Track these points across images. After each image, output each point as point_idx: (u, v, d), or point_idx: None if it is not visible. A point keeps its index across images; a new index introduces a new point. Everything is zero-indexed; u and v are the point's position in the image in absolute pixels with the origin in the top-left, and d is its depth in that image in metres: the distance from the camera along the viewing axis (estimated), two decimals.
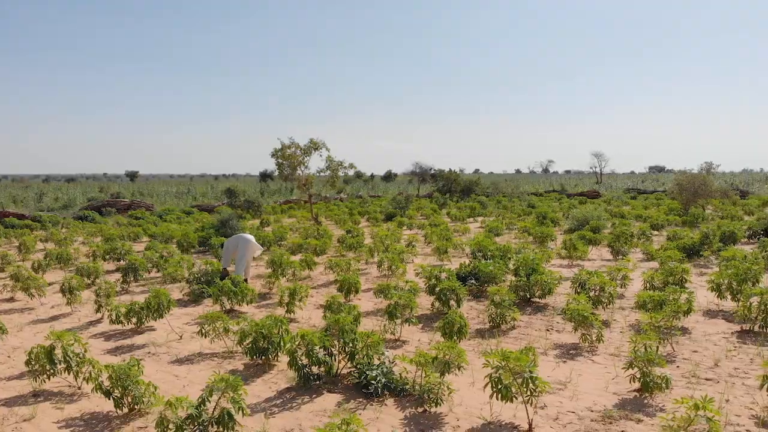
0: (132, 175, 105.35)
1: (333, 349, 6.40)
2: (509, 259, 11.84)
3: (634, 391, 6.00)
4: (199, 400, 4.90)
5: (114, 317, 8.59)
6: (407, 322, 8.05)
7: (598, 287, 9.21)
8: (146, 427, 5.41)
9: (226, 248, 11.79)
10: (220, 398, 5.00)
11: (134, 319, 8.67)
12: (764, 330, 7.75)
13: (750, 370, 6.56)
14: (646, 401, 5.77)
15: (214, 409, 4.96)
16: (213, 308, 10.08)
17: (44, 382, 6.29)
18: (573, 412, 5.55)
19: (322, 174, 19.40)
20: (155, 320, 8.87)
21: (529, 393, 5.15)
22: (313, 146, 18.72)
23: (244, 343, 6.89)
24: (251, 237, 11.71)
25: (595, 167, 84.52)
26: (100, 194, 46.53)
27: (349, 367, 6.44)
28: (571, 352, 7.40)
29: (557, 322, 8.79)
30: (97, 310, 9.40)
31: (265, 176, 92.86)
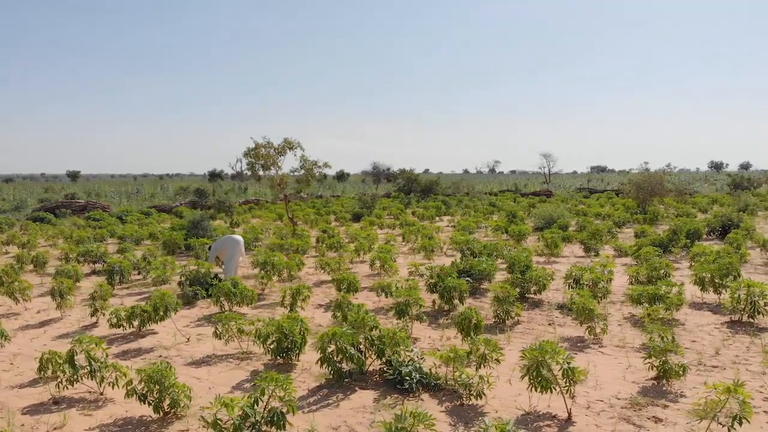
0: (73, 175, 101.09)
1: (361, 346, 6.47)
2: (496, 257, 12.15)
3: (652, 379, 6.34)
4: (253, 399, 4.89)
5: (114, 321, 8.36)
6: (418, 319, 8.18)
7: (591, 282, 9.62)
8: (188, 430, 5.35)
9: (214, 249, 11.61)
10: (269, 397, 5.00)
11: (135, 323, 8.45)
12: (752, 320, 8.31)
13: (749, 357, 7.03)
14: (665, 388, 6.12)
15: (265, 408, 4.96)
16: (209, 310, 9.93)
17: (66, 388, 6.09)
18: (602, 401, 5.83)
19: (295, 173, 19.25)
20: (156, 323, 8.68)
21: (566, 383, 5.40)
22: (288, 146, 18.55)
23: (267, 343, 6.85)
24: (241, 238, 11.58)
25: (544, 167, 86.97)
26: (46, 195, 44.51)
27: (380, 364, 6.52)
28: (579, 344, 7.72)
29: (556, 317, 9.12)
30: (92, 314, 9.10)
31: (214, 176, 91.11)
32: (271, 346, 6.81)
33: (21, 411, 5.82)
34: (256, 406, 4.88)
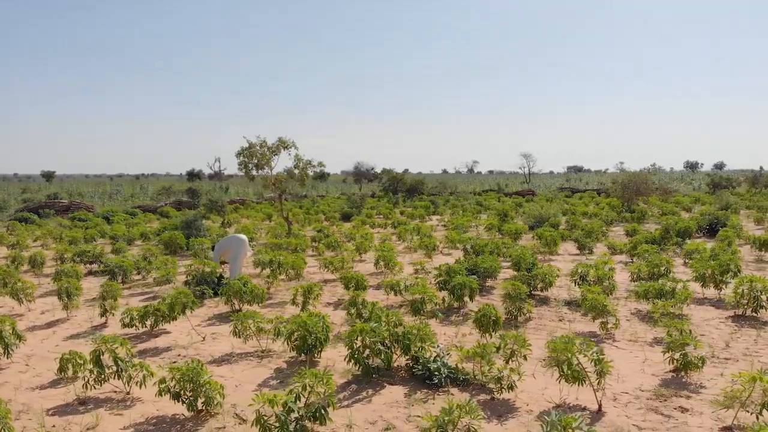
0: (48, 176, 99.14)
1: (387, 342, 6.53)
2: (497, 255, 12.30)
3: (670, 371, 6.52)
4: (294, 395, 4.92)
5: (127, 320, 8.29)
6: (434, 316, 8.27)
7: (596, 279, 9.81)
8: (224, 428, 5.35)
9: (218, 248, 11.55)
10: (310, 393, 5.04)
11: (148, 322, 8.39)
12: (755, 314, 8.58)
13: (759, 350, 7.27)
14: (684, 380, 6.30)
15: (305, 404, 5.00)
16: (217, 309, 9.89)
17: (93, 388, 6.04)
18: (627, 393, 5.98)
19: (289, 173, 19.17)
20: (168, 322, 8.62)
21: (597, 375, 5.54)
22: (283, 145, 18.48)
23: (292, 340, 6.88)
24: (245, 237, 11.55)
25: (524, 167, 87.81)
26: (25, 195, 43.61)
27: (406, 360, 6.59)
28: (592, 339, 7.85)
29: (565, 313, 9.29)
30: (102, 314, 9.00)
31: (192, 175, 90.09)
32: (296, 343, 6.84)
33: (47, 412, 5.75)
34: (298, 402, 4.92)
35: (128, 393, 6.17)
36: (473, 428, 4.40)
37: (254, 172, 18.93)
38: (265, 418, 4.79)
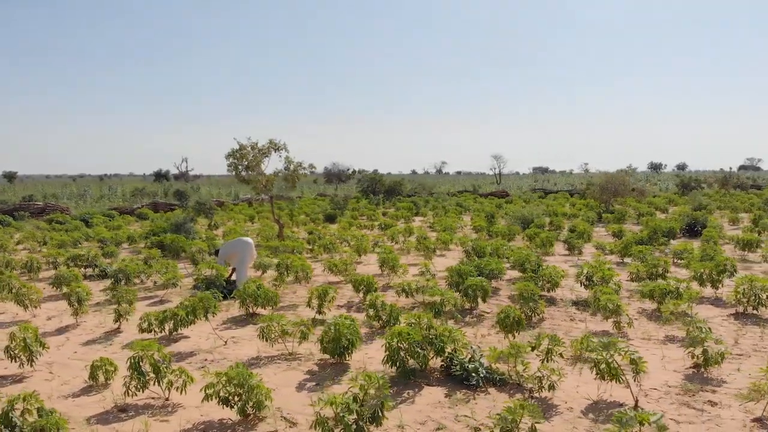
0: (10, 176, 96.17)
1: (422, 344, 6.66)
2: (499, 256, 12.56)
3: (691, 367, 6.83)
4: (353, 397, 5.02)
5: (145, 325, 8.23)
6: (453, 318, 8.44)
7: (602, 279, 10.13)
8: (276, 431, 5.41)
9: (223, 252, 11.49)
10: (365, 395, 5.14)
11: (167, 327, 8.34)
12: (755, 312, 9.01)
13: (766, 345, 7.66)
14: (705, 375, 6.61)
15: (360, 405, 5.09)
16: (228, 313, 9.86)
17: (134, 395, 6.01)
18: (656, 389, 6.25)
19: (279, 174, 19.12)
20: (186, 327, 8.58)
21: (633, 372, 5.80)
22: (273, 147, 18.42)
23: (325, 342, 6.95)
24: (251, 240, 11.52)
25: (494, 168, 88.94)
26: None
27: (441, 361, 6.74)
28: (607, 338, 8.16)
29: (574, 312, 9.58)
30: (116, 319, 8.89)
31: (159, 176, 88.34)
32: (329, 345, 6.91)
33: (88, 420, 5.71)
34: (356, 403, 5.02)
35: (167, 399, 6.16)
36: (535, 428, 4.57)
37: (244, 174, 18.81)
38: (326, 419, 4.88)
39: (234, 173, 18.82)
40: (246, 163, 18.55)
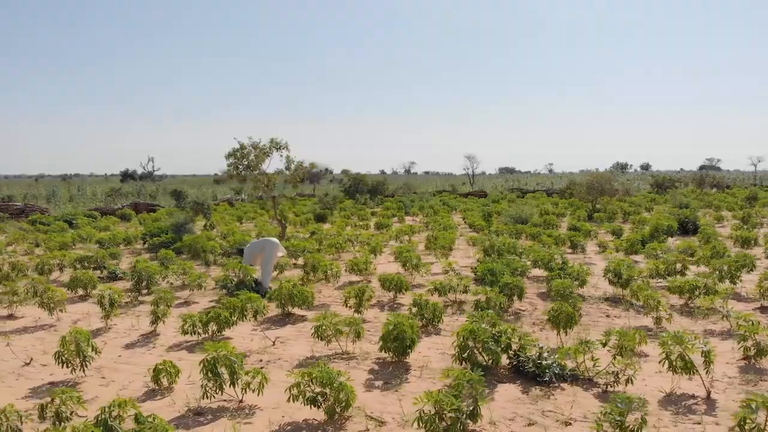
0: None
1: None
2: (519, 254, 12.74)
3: (742, 359, 7.07)
4: (454, 394, 5.05)
5: (188, 327, 8.08)
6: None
7: (628, 276, 10.38)
8: (368, 430, 5.39)
9: (249, 253, 11.34)
10: (460, 392, 5.18)
11: (211, 329, 8.21)
12: None
13: None
14: (758, 366, 6.86)
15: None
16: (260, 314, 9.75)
17: (212, 398, 5.91)
18: (719, 381, 6.46)
19: (280, 174, 18.94)
20: (228, 328, 8.46)
21: (705, 364, 5.98)
22: (275, 146, 18.23)
23: (388, 341, 6.95)
24: (277, 241, 11.40)
25: (468, 168, 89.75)
26: None
27: (508, 358, 6.80)
28: (649, 333, 8.37)
29: (607, 308, 9.78)
30: (153, 322, 8.69)
31: (126, 176, 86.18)
32: (394, 344, 6.92)
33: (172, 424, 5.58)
34: (457, 400, 5.04)
35: (241, 401, 6.07)
36: (645, 419, 4.67)
37: (244, 173, 18.57)
38: (429, 417, 4.89)
39: (235, 173, 18.57)
40: (246, 162, 18.33)
